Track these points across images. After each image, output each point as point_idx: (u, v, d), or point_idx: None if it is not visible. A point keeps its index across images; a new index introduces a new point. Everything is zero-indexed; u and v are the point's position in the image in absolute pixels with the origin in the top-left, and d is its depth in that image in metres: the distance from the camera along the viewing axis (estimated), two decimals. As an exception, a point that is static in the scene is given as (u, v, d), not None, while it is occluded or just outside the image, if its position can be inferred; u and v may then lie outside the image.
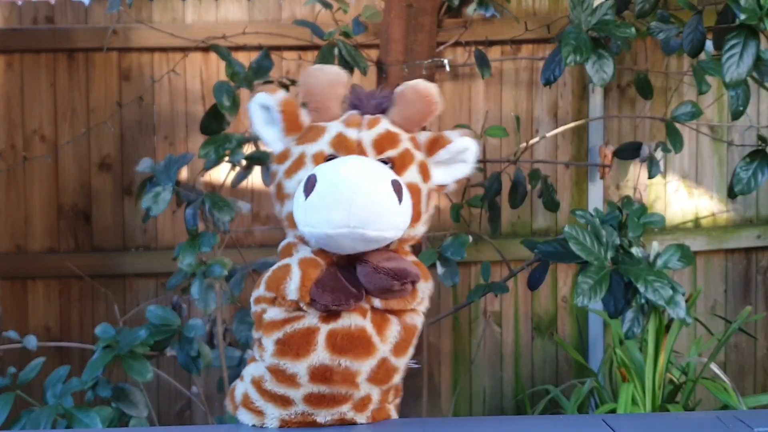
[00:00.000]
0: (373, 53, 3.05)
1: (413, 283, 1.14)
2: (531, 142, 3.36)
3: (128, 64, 3.48)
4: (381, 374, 1.14)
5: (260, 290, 1.15)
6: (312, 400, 1.12)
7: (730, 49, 2.31)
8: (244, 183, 2.78)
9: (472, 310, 3.66)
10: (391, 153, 1.15)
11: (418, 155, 1.18)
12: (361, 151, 1.14)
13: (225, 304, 2.68)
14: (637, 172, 3.68)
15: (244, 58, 2.83)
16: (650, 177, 3.17)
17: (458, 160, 1.22)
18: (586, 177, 3.69)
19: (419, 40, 2.93)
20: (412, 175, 1.16)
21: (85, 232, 3.49)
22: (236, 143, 2.57)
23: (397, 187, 1.09)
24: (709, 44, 2.66)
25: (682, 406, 3.20)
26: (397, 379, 1.18)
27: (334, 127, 1.16)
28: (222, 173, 2.77)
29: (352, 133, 1.15)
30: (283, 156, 1.17)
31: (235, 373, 2.62)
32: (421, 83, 1.19)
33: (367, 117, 1.18)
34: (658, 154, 3.15)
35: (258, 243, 3.53)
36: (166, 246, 3.43)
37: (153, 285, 3.50)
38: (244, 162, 2.63)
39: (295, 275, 1.11)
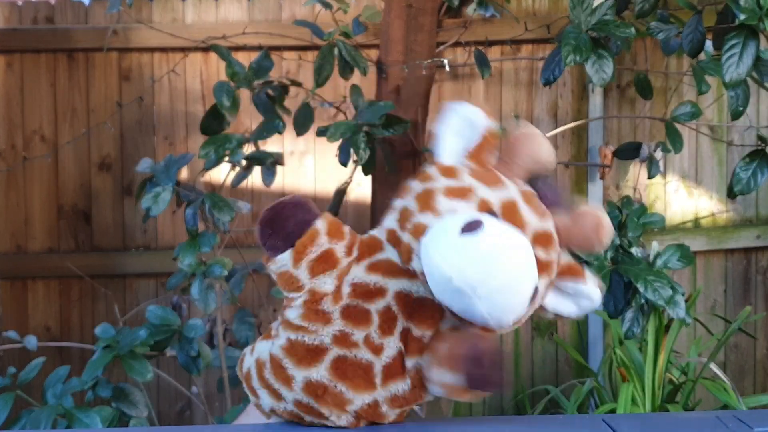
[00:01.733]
0: (373, 53, 3.05)
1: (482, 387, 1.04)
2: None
3: (128, 64, 3.49)
4: (368, 414, 1.12)
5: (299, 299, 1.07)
6: (300, 406, 1.11)
7: (729, 49, 2.31)
8: (244, 183, 2.78)
9: (472, 310, 3.65)
10: (540, 254, 1.03)
11: (554, 274, 1.07)
12: (523, 232, 1.03)
13: (225, 304, 2.68)
14: (636, 172, 3.68)
15: (244, 59, 2.83)
16: (650, 177, 3.17)
17: (575, 299, 1.12)
18: (586, 177, 3.69)
19: (419, 41, 2.93)
20: (540, 284, 1.05)
21: (85, 232, 3.50)
22: (236, 143, 2.57)
23: (535, 293, 1.01)
24: (708, 44, 2.66)
25: (682, 406, 3.21)
26: (386, 421, 1.14)
27: (511, 189, 1.05)
28: (222, 173, 2.77)
29: (524, 210, 1.04)
30: (451, 172, 1.05)
31: (236, 374, 2.63)
32: (602, 216, 1.07)
33: (540, 204, 1.06)
34: (658, 154, 3.15)
35: (258, 243, 3.53)
36: (166, 246, 3.43)
37: (153, 285, 3.50)
38: (244, 162, 2.63)
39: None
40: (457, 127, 1.09)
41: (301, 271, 1.05)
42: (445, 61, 3.14)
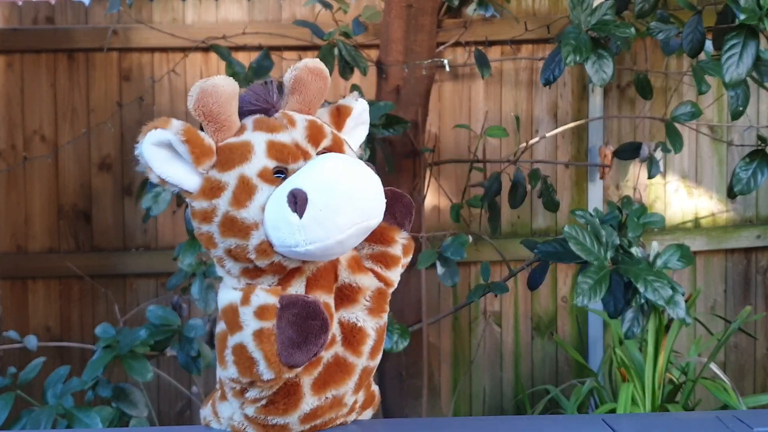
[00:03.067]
0: (373, 53, 3.06)
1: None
2: (531, 142, 3.37)
3: (128, 64, 3.49)
4: (362, 380, 1.13)
5: (233, 373, 1.05)
6: (309, 429, 1.12)
7: (729, 49, 2.31)
8: (244, 183, 2.78)
9: (471, 310, 3.66)
10: (326, 143, 1.09)
11: (338, 134, 1.13)
12: (303, 152, 1.07)
13: (225, 304, 2.68)
14: (636, 172, 3.68)
15: (245, 59, 2.83)
16: (650, 177, 3.17)
17: (359, 123, 1.17)
18: (586, 177, 3.69)
19: (419, 41, 2.94)
20: (350, 155, 1.11)
21: (86, 232, 3.50)
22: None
23: (372, 169, 1.06)
24: (708, 44, 2.66)
25: (682, 406, 3.21)
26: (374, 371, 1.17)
27: (257, 139, 1.06)
28: (222, 173, 2.77)
29: (284, 138, 1.07)
30: (213, 189, 1.05)
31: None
32: (311, 62, 1.13)
33: (277, 116, 1.09)
34: (658, 154, 3.16)
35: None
36: (166, 246, 3.43)
37: (153, 285, 3.50)
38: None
39: (258, 356, 1.02)
40: (162, 157, 1.06)
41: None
42: (445, 61, 3.14)
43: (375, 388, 1.21)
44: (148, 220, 3.24)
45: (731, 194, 2.72)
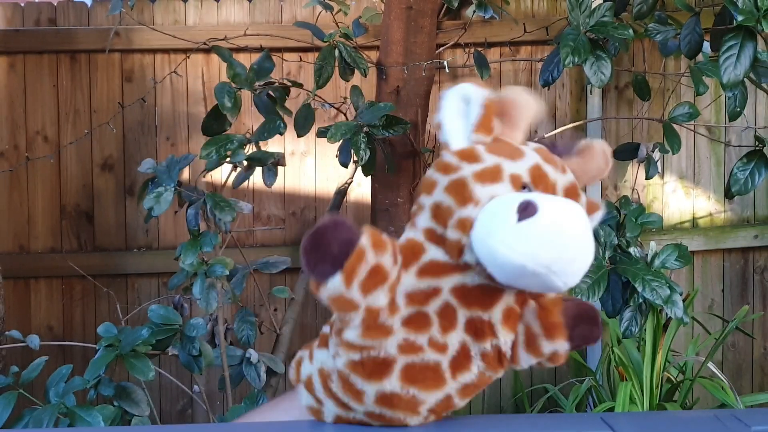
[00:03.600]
0: (373, 55, 3.07)
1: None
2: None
3: (130, 65, 3.50)
4: (441, 408, 1.14)
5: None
6: (372, 416, 1.12)
7: (727, 51, 2.32)
8: (245, 183, 2.80)
9: (471, 310, 3.67)
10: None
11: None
12: (553, 191, 1.05)
13: (226, 303, 2.69)
14: (634, 172, 3.70)
15: (246, 60, 2.84)
16: (648, 177, 3.19)
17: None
18: (585, 177, 3.70)
19: (419, 42, 2.95)
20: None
21: (88, 232, 3.51)
22: (237, 144, 2.58)
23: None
24: (706, 45, 2.68)
25: (680, 404, 3.22)
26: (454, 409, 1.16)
27: (530, 155, 1.07)
28: (223, 174, 2.79)
29: (549, 171, 1.06)
30: (471, 155, 1.06)
31: (237, 372, 2.64)
32: (606, 145, 1.13)
33: (556, 157, 1.09)
34: (656, 155, 3.17)
35: (259, 243, 3.55)
36: (168, 246, 3.45)
37: (155, 284, 3.51)
38: (245, 162, 2.64)
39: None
40: (456, 108, 1.10)
41: (354, 292, 1.03)
42: (445, 63, 3.15)
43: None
44: (149, 220, 3.23)
45: (729, 194, 2.73)
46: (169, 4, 3.49)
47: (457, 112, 1.10)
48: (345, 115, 3.11)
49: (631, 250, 2.46)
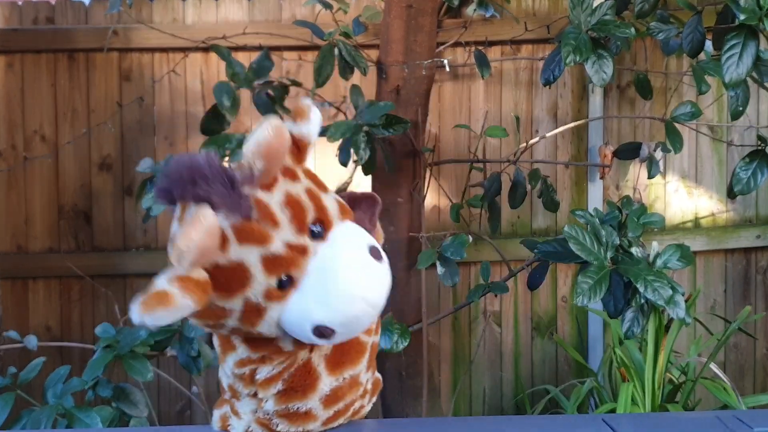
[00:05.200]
0: (373, 53, 3.06)
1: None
2: (531, 142, 3.37)
3: (129, 64, 3.49)
4: (371, 358, 1.14)
5: (242, 353, 1.06)
6: (330, 419, 1.12)
7: (729, 50, 2.31)
8: (244, 183, 2.78)
9: (471, 310, 3.66)
10: (311, 216, 1.04)
11: (306, 182, 1.07)
12: (300, 249, 1.01)
13: (225, 303, 2.68)
14: (636, 172, 3.69)
15: (245, 59, 2.83)
16: (650, 177, 3.17)
17: (312, 133, 1.13)
18: (586, 177, 3.70)
19: (419, 41, 2.94)
20: (330, 202, 1.07)
21: (86, 232, 3.50)
22: (236, 143, 2.57)
23: (375, 251, 1.03)
24: (708, 44, 2.67)
25: (682, 405, 3.21)
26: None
27: (249, 257, 1.02)
28: (222, 173, 2.77)
29: (276, 248, 1.01)
30: (217, 314, 1.06)
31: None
32: (274, 123, 1.04)
33: (255, 216, 1.01)
34: (658, 154, 3.16)
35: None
36: (167, 246, 3.43)
37: (153, 285, 3.50)
38: (244, 162, 2.63)
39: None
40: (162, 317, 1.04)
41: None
42: (445, 62, 3.14)
43: (378, 375, 1.22)
44: (148, 220, 3.23)
45: (731, 194, 2.72)
46: (167, 3, 3.48)
47: (165, 318, 1.04)
48: (345, 114, 3.10)
49: (633, 250, 2.45)
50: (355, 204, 1.08)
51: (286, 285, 1.00)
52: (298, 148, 1.08)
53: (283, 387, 1.07)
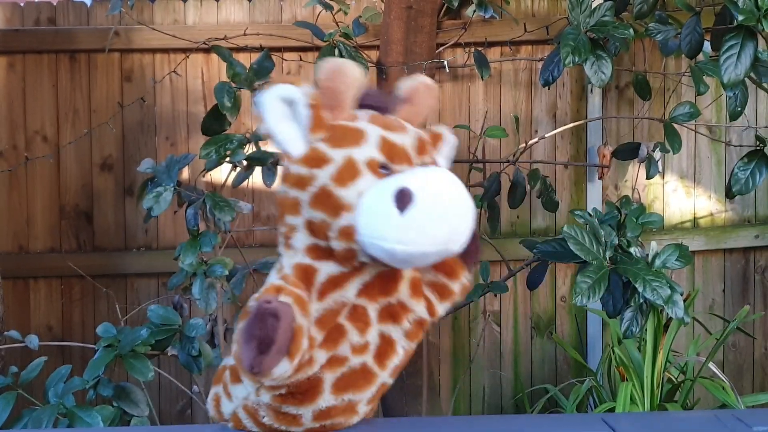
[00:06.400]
0: (373, 54, 3.07)
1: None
2: (530, 142, 3.38)
3: (130, 65, 3.50)
4: (377, 394, 1.14)
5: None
6: (315, 430, 1.12)
7: (727, 50, 2.32)
8: (244, 183, 2.80)
9: (471, 310, 3.67)
10: (427, 159, 1.11)
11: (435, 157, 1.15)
12: (408, 159, 1.08)
13: (226, 303, 2.69)
14: (635, 172, 3.69)
15: (245, 59, 2.84)
16: (648, 177, 3.18)
17: (446, 156, 1.20)
18: (585, 177, 3.70)
19: (419, 42, 2.95)
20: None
21: (87, 232, 3.51)
22: (237, 144, 2.58)
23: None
24: (707, 45, 2.68)
25: (681, 405, 3.22)
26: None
27: (372, 131, 1.07)
28: (223, 174, 2.79)
29: (395, 139, 1.08)
30: (318, 159, 1.05)
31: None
32: (428, 80, 1.16)
33: (391, 118, 1.11)
34: (657, 155, 3.17)
35: (259, 243, 3.55)
36: (168, 246, 3.44)
37: (154, 285, 3.51)
38: (245, 162, 2.64)
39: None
40: (281, 113, 1.07)
41: (295, 363, 1.04)
42: (445, 62, 3.15)
43: (377, 403, 1.22)
44: (149, 220, 3.23)
45: (730, 194, 2.73)
46: (168, 4, 3.49)
47: (283, 116, 1.06)
48: (345, 114, 3.10)
49: (632, 250, 2.46)
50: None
51: (386, 170, 1.06)
52: (434, 137, 1.18)
53: (285, 391, 1.07)
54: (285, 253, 1.10)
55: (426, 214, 1.01)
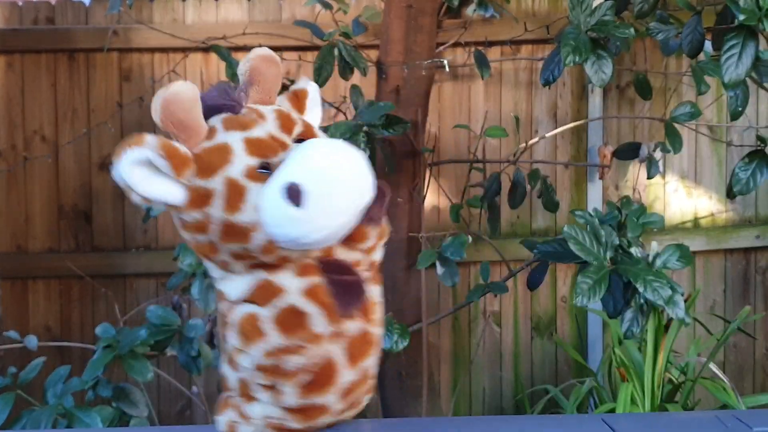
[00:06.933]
0: (373, 54, 3.06)
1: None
2: (530, 142, 3.37)
3: (129, 64, 3.49)
4: (378, 350, 1.14)
5: (276, 342, 1.05)
6: (341, 413, 1.11)
7: (728, 50, 2.31)
8: (244, 183, 2.78)
9: (471, 310, 3.67)
10: (298, 129, 1.08)
11: (304, 118, 1.13)
12: (281, 144, 1.06)
13: (225, 303, 2.68)
14: (636, 172, 3.69)
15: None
16: (649, 177, 3.18)
17: (314, 104, 1.17)
18: (586, 177, 3.70)
19: (419, 41, 2.94)
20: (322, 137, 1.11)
21: (86, 232, 3.50)
22: (236, 143, 2.57)
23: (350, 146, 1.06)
24: (708, 45, 2.67)
25: (681, 405, 3.21)
26: None
27: (233, 139, 1.05)
28: (222, 173, 2.77)
29: (259, 133, 1.06)
30: (201, 197, 1.04)
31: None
32: (261, 50, 1.15)
33: (244, 111, 1.09)
34: (657, 155, 3.16)
35: (258, 243, 3.54)
36: (167, 246, 3.44)
37: (153, 285, 3.51)
38: (244, 162, 2.63)
39: (313, 309, 1.05)
40: (142, 176, 1.05)
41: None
42: (445, 62, 3.14)
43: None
44: (148, 220, 3.24)
45: (730, 194, 2.72)
46: (167, 3, 3.48)
47: (145, 177, 1.05)
48: (345, 114, 3.10)
49: (633, 250, 2.45)
50: None
51: (266, 170, 1.04)
52: (297, 97, 1.15)
53: (308, 379, 1.06)
54: (231, 277, 1.09)
55: (322, 197, 1.00)
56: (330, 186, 1.00)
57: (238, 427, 1.11)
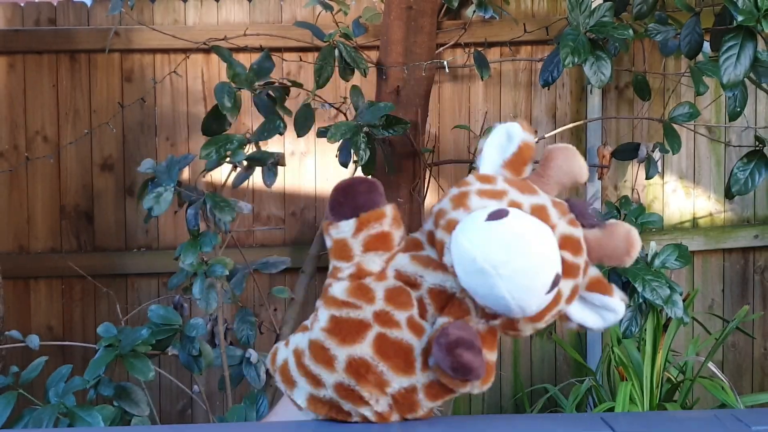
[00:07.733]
0: (373, 55, 3.07)
1: (467, 381, 1.12)
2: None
3: (130, 65, 3.50)
4: (405, 400, 1.13)
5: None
6: (341, 389, 1.12)
7: (727, 51, 2.32)
8: (245, 183, 2.80)
9: (471, 310, 3.67)
10: (566, 256, 1.07)
11: (580, 279, 1.10)
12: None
13: (226, 303, 2.69)
14: (635, 172, 3.70)
15: (245, 60, 2.84)
16: (648, 177, 3.19)
17: (600, 312, 1.13)
18: (585, 177, 3.70)
19: (419, 42, 2.95)
20: (565, 285, 1.07)
21: (88, 232, 3.51)
22: (237, 144, 2.58)
23: (556, 279, 1.03)
24: (706, 45, 2.68)
25: (680, 404, 3.22)
26: (418, 414, 1.16)
27: (543, 198, 1.08)
28: (223, 174, 2.79)
29: (553, 214, 1.07)
30: (485, 178, 1.11)
31: (237, 372, 2.64)
32: (632, 228, 1.11)
33: (572, 216, 1.09)
34: (656, 155, 3.17)
35: (259, 243, 3.55)
36: (168, 246, 3.45)
37: (155, 285, 3.52)
38: (245, 163, 2.64)
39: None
40: (498, 141, 1.12)
41: (357, 243, 1.10)
42: (445, 63, 3.15)
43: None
44: (149, 220, 3.24)
45: (729, 194, 2.73)
46: (168, 4, 3.49)
47: (496, 143, 1.12)
48: (345, 115, 3.11)
49: (632, 250, 2.46)
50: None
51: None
52: (595, 284, 1.14)
53: (337, 315, 1.09)
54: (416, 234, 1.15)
55: (501, 232, 1.01)
56: (511, 232, 1.04)
57: (279, 351, 1.15)
